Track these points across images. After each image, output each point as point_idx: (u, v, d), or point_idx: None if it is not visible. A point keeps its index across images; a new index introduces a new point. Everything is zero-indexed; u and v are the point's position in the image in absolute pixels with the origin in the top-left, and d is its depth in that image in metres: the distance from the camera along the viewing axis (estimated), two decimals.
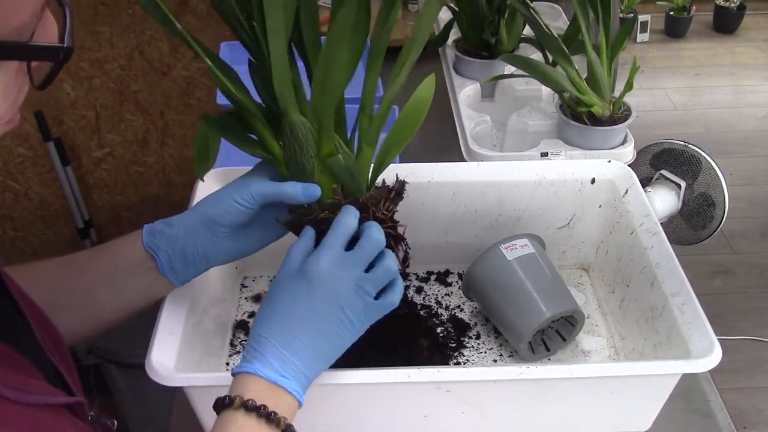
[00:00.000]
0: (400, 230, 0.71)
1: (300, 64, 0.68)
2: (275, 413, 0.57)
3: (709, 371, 0.69)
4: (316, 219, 0.68)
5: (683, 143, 1.17)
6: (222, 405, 0.58)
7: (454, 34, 1.32)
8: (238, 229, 0.69)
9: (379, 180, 0.73)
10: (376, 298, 0.64)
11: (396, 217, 0.74)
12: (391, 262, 0.65)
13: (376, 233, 0.65)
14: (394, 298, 0.65)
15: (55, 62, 0.46)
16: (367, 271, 0.64)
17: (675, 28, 3.63)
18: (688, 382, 0.83)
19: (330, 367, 0.66)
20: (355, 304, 0.62)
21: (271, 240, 0.72)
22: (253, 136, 0.70)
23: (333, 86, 0.63)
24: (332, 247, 0.63)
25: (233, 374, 0.60)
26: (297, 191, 0.66)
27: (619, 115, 1.05)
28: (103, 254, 0.70)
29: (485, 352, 0.88)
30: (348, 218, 0.65)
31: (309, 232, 0.67)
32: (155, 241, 0.67)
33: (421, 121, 0.69)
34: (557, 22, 1.44)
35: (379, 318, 0.64)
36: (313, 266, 0.62)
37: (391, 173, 0.75)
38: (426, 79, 0.69)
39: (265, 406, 0.57)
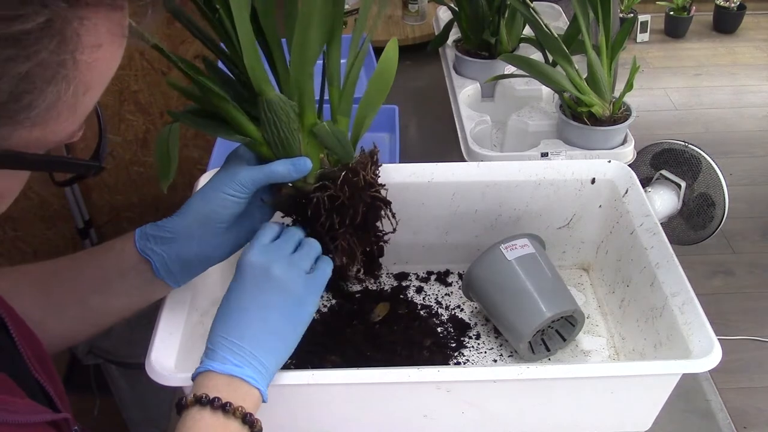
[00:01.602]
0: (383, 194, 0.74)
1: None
2: (230, 404, 0.57)
3: (709, 371, 0.69)
4: (306, 195, 0.69)
5: (683, 143, 1.17)
6: (186, 404, 0.59)
7: (454, 34, 1.32)
8: (233, 221, 0.69)
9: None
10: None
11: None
12: (314, 242, 0.68)
13: (293, 229, 0.69)
14: (325, 266, 0.67)
15: (85, 176, 0.48)
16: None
17: (675, 28, 3.63)
18: (688, 382, 0.83)
19: (331, 367, 0.66)
20: (293, 281, 0.64)
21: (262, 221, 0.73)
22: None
23: (310, 55, 0.64)
24: (258, 239, 0.66)
25: (192, 380, 0.61)
26: (288, 168, 0.67)
27: (619, 115, 1.05)
28: (95, 258, 0.70)
29: (485, 352, 0.88)
30: (272, 225, 0.68)
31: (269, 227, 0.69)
32: (149, 245, 0.67)
33: (391, 83, 0.70)
34: (557, 22, 1.44)
35: (320, 291, 0.66)
36: (243, 260, 0.64)
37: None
38: (389, 42, 0.70)
39: (218, 398, 0.57)
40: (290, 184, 0.70)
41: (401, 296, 0.95)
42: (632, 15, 3.49)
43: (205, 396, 0.57)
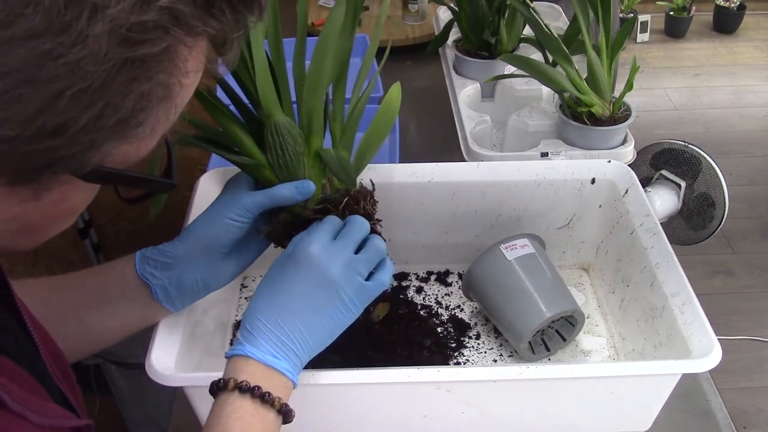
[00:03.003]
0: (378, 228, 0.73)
1: None
2: (269, 393, 0.58)
3: (709, 371, 0.69)
4: (304, 221, 0.68)
5: (683, 143, 1.17)
6: (216, 388, 0.59)
7: (454, 34, 1.32)
8: (233, 247, 0.69)
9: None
10: (368, 279, 0.65)
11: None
12: (380, 242, 0.67)
13: (360, 219, 0.67)
14: (384, 278, 0.66)
15: (154, 193, 0.52)
16: (356, 253, 0.65)
17: (675, 28, 3.63)
18: (688, 382, 0.83)
19: (331, 367, 0.66)
20: (347, 286, 0.63)
21: (266, 247, 0.73)
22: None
23: (322, 82, 0.65)
24: (321, 232, 0.65)
25: (227, 357, 0.61)
26: (292, 191, 0.67)
27: (619, 115, 1.05)
28: (97, 277, 0.70)
29: (485, 352, 0.88)
30: (334, 218, 0.67)
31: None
32: (149, 269, 0.67)
33: (391, 126, 0.72)
34: (557, 22, 1.44)
35: (372, 300, 0.65)
36: (303, 249, 0.63)
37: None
38: (392, 87, 0.72)
39: (258, 387, 0.58)
40: (289, 211, 0.70)
41: (401, 296, 0.95)
42: (632, 15, 3.49)
43: (245, 383, 0.58)
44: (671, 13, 3.61)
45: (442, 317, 0.92)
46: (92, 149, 0.41)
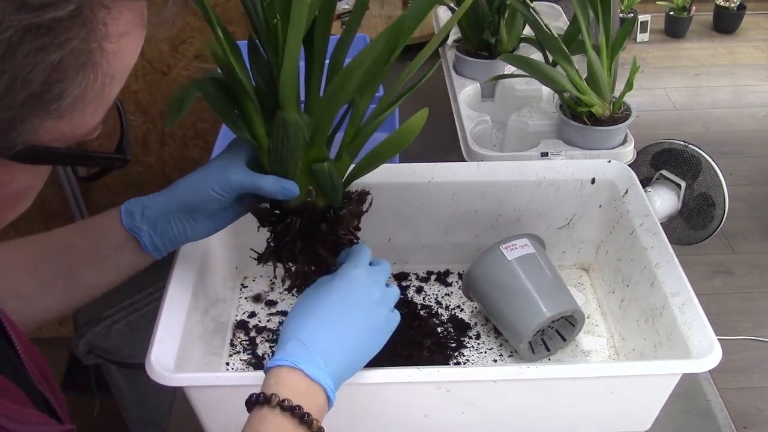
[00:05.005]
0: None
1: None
2: (309, 415, 0.57)
3: (709, 371, 0.69)
4: (284, 223, 0.69)
5: (683, 143, 1.17)
6: (257, 402, 0.57)
7: (454, 34, 1.32)
8: (214, 211, 0.70)
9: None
10: None
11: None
12: (396, 287, 0.70)
13: (387, 266, 0.71)
14: (398, 317, 0.69)
15: (110, 169, 0.49)
16: None
17: (675, 28, 3.63)
18: (688, 382, 0.83)
19: None
20: (383, 311, 0.66)
21: (247, 211, 0.73)
22: (237, 112, 0.69)
23: (343, 98, 0.64)
24: (360, 257, 0.68)
25: (268, 367, 0.60)
26: (275, 189, 0.66)
27: (619, 115, 1.05)
28: (86, 236, 0.71)
29: (485, 352, 0.88)
30: (366, 247, 0.70)
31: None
32: (136, 224, 0.68)
33: (404, 147, 0.70)
34: (557, 22, 1.44)
35: (389, 335, 0.67)
36: (352, 270, 0.66)
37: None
38: (420, 111, 0.70)
39: (300, 407, 0.56)
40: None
41: (401, 296, 0.95)
42: (632, 15, 3.49)
43: (287, 401, 0.56)
44: (671, 13, 3.61)
45: (442, 317, 0.92)
46: (13, 129, 0.38)
